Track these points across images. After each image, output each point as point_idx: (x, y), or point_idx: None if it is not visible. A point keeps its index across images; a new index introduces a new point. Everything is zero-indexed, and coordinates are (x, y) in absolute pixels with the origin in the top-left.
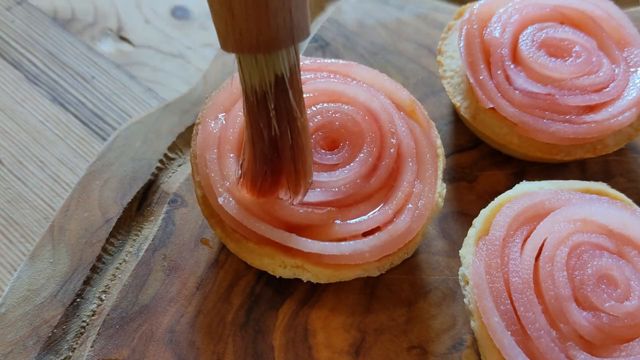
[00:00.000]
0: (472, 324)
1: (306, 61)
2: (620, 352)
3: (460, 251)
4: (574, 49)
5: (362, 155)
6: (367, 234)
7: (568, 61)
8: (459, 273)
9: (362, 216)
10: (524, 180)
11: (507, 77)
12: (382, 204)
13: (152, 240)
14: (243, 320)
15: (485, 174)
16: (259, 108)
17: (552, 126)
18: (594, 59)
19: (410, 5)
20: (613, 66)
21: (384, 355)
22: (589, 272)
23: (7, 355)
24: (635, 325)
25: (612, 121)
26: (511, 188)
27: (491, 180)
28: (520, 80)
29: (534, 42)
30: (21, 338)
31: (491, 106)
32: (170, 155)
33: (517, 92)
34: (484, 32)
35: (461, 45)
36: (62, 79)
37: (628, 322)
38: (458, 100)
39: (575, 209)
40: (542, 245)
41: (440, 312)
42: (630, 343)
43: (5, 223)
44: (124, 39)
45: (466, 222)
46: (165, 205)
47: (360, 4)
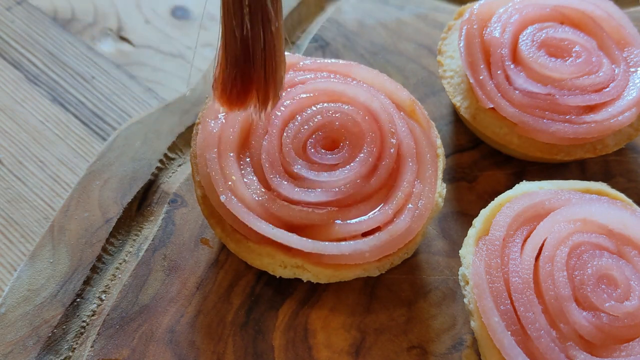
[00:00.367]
0: (472, 324)
1: (306, 61)
2: (620, 352)
3: (460, 251)
4: (574, 49)
5: (362, 155)
6: (367, 234)
7: (568, 61)
8: (459, 273)
9: (362, 216)
10: (524, 180)
11: (507, 77)
12: (382, 204)
13: (152, 240)
14: (243, 320)
15: (485, 174)
16: (235, 7)
17: (552, 126)
18: (594, 59)
19: (410, 5)
20: (613, 66)
21: (384, 355)
22: (589, 272)
23: (7, 355)
24: (635, 325)
25: (612, 121)
26: (511, 188)
27: (491, 180)
28: (520, 80)
29: (534, 42)
30: (21, 338)
31: (491, 106)
32: (170, 155)
33: (517, 92)
34: (484, 32)
35: (461, 45)
36: (62, 79)
37: (628, 322)
38: (458, 100)
39: (575, 209)
40: (542, 245)
41: (440, 312)
42: (630, 343)
43: (5, 223)
44: (124, 39)
45: (466, 222)
46: (165, 205)
47: (360, 4)
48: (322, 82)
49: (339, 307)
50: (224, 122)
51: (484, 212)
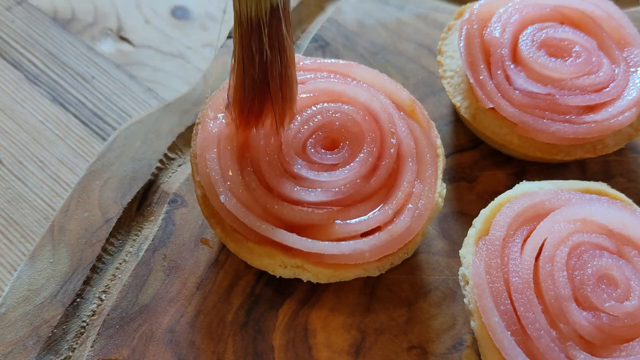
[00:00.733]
0: (472, 324)
1: (306, 61)
2: (620, 352)
3: (460, 251)
4: (574, 49)
5: (362, 155)
6: (367, 234)
7: (568, 61)
8: (459, 273)
9: (362, 216)
10: (524, 180)
11: (507, 77)
12: (382, 204)
13: (152, 240)
14: (243, 320)
15: (485, 174)
16: (253, 34)
17: (552, 126)
18: (594, 59)
19: (410, 5)
20: (613, 66)
21: (384, 355)
22: (589, 272)
23: (7, 355)
24: (635, 325)
25: (612, 121)
26: (511, 188)
27: (491, 180)
28: (520, 80)
29: (534, 42)
30: (21, 338)
31: (491, 106)
32: (170, 155)
33: (517, 92)
34: (484, 32)
35: (461, 45)
36: (62, 79)
37: (628, 322)
38: (458, 100)
39: (575, 209)
40: (542, 245)
41: (440, 312)
42: (630, 343)
43: (5, 223)
44: (124, 39)
45: (466, 222)
46: (165, 205)
47: (360, 4)
48: (322, 82)
49: (339, 307)
50: (223, 122)
51: (484, 212)
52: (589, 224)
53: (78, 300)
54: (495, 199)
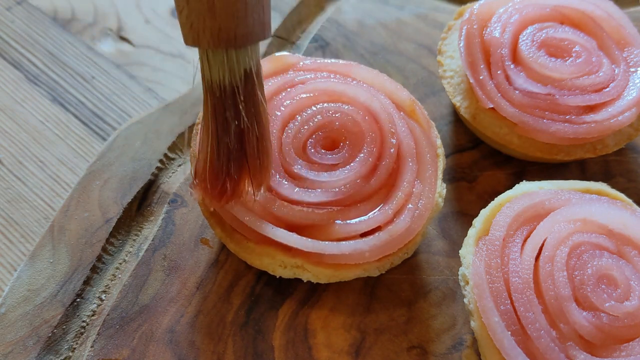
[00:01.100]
0: (472, 324)
1: (306, 61)
2: (620, 352)
3: (460, 251)
4: (574, 49)
5: (362, 155)
6: (367, 234)
7: (568, 61)
8: (459, 273)
9: (362, 216)
10: (524, 180)
11: (507, 77)
12: (382, 204)
13: (152, 240)
14: (243, 320)
15: (485, 174)
16: (227, 102)
17: (552, 126)
18: (594, 59)
19: (410, 5)
20: (613, 66)
21: (384, 355)
22: (589, 272)
23: (7, 355)
24: (635, 325)
25: (612, 121)
26: (511, 188)
27: (491, 180)
28: (520, 80)
29: (534, 42)
30: (21, 338)
31: (491, 106)
32: (170, 155)
33: (517, 92)
34: (484, 32)
35: (461, 45)
36: (62, 79)
37: (628, 322)
38: (458, 100)
39: (575, 209)
40: (542, 245)
41: (440, 312)
42: (630, 343)
43: (5, 223)
44: (124, 39)
45: (466, 222)
46: (165, 205)
47: (360, 4)
48: (322, 82)
49: (339, 307)
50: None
51: (484, 212)
52: (589, 224)
53: (78, 300)
54: (495, 199)
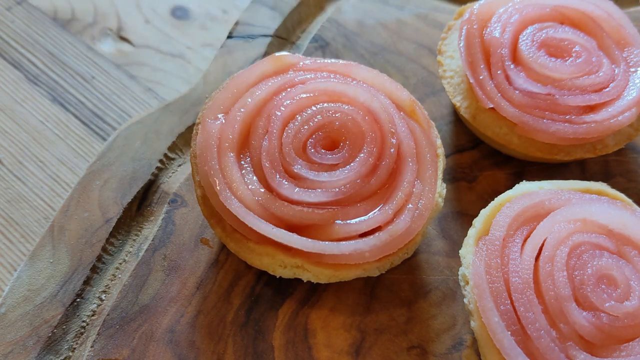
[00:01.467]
0: (472, 324)
1: (306, 61)
2: (620, 352)
3: (460, 251)
4: (574, 49)
5: (362, 155)
6: (367, 234)
7: (568, 61)
8: (459, 273)
9: (362, 216)
10: (524, 180)
11: (507, 77)
12: (382, 204)
13: (152, 240)
14: (243, 320)
15: (485, 174)
16: None
17: (552, 126)
18: (594, 59)
19: (410, 5)
20: (613, 66)
21: (384, 355)
22: (589, 272)
23: (7, 355)
24: (635, 325)
25: (612, 121)
26: (511, 188)
27: (491, 180)
28: (520, 80)
29: (534, 42)
30: (21, 338)
31: (491, 106)
32: (170, 155)
33: (517, 92)
34: (484, 32)
35: (461, 45)
36: (62, 79)
37: (628, 322)
38: (458, 100)
39: (575, 209)
40: (542, 245)
41: (440, 312)
42: (630, 343)
43: (5, 223)
44: (124, 39)
45: (466, 222)
46: (165, 205)
47: (360, 4)
48: (322, 82)
49: (339, 307)
50: (223, 122)
51: (484, 212)
52: (589, 224)
53: (78, 300)
54: (495, 199)
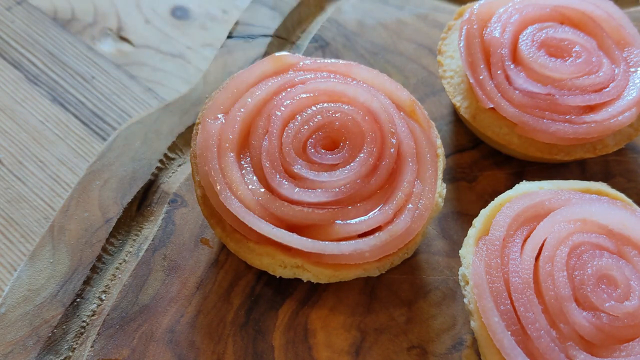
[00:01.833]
0: (472, 324)
1: (306, 61)
2: (620, 352)
3: (460, 251)
4: (574, 49)
5: (362, 155)
6: (367, 233)
7: (568, 61)
8: (459, 273)
9: (362, 216)
10: (524, 180)
11: (507, 77)
12: (382, 204)
13: (152, 240)
14: (243, 320)
15: (485, 174)
16: None
17: (552, 126)
18: (594, 59)
19: (410, 5)
20: (613, 66)
21: (384, 355)
22: (589, 272)
23: (7, 355)
24: (635, 325)
25: (612, 121)
26: (511, 188)
27: (491, 180)
28: (520, 80)
29: (534, 42)
30: (21, 338)
31: (491, 106)
32: (170, 155)
33: (517, 92)
34: (484, 32)
35: (461, 45)
36: (62, 79)
37: (628, 322)
38: (458, 100)
39: (575, 209)
40: (542, 245)
41: (440, 312)
42: (630, 343)
43: (5, 223)
44: (124, 39)
45: (466, 222)
46: (165, 205)
47: (360, 4)
48: (322, 82)
49: (339, 307)
50: (223, 122)
51: (484, 212)
52: (589, 224)
53: (78, 300)
54: (495, 199)
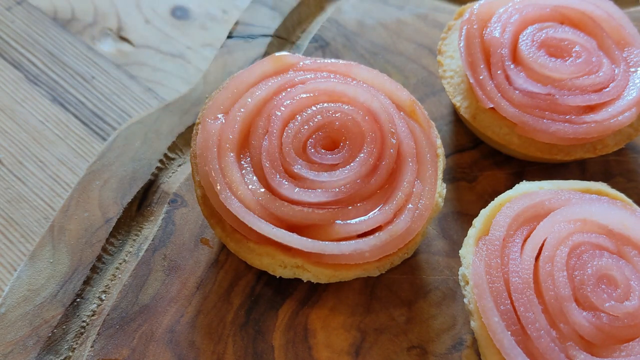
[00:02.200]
0: (472, 324)
1: (306, 61)
2: (620, 352)
3: (460, 251)
4: (574, 49)
5: (362, 155)
6: (367, 233)
7: (568, 61)
8: (459, 273)
9: (362, 216)
10: (524, 180)
11: (507, 77)
12: (383, 204)
13: (152, 240)
14: (243, 320)
15: (485, 174)
16: None
17: (552, 126)
18: (594, 59)
19: (410, 5)
20: (613, 66)
21: (384, 355)
22: (589, 272)
23: (7, 355)
24: (635, 325)
25: (612, 121)
26: (511, 188)
27: (491, 180)
28: (520, 80)
29: (534, 42)
30: (21, 338)
31: (491, 106)
32: (170, 155)
33: (517, 92)
34: (484, 32)
35: (461, 45)
36: (62, 79)
37: (628, 322)
38: (458, 100)
39: (575, 209)
40: (542, 245)
41: (440, 312)
42: (630, 343)
43: (5, 223)
44: (124, 39)
45: (466, 222)
46: (165, 205)
47: (360, 4)
48: (322, 82)
49: (339, 307)
50: (224, 122)
51: (484, 212)
52: (589, 224)
53: (78, 300)
54: (495, 199)
